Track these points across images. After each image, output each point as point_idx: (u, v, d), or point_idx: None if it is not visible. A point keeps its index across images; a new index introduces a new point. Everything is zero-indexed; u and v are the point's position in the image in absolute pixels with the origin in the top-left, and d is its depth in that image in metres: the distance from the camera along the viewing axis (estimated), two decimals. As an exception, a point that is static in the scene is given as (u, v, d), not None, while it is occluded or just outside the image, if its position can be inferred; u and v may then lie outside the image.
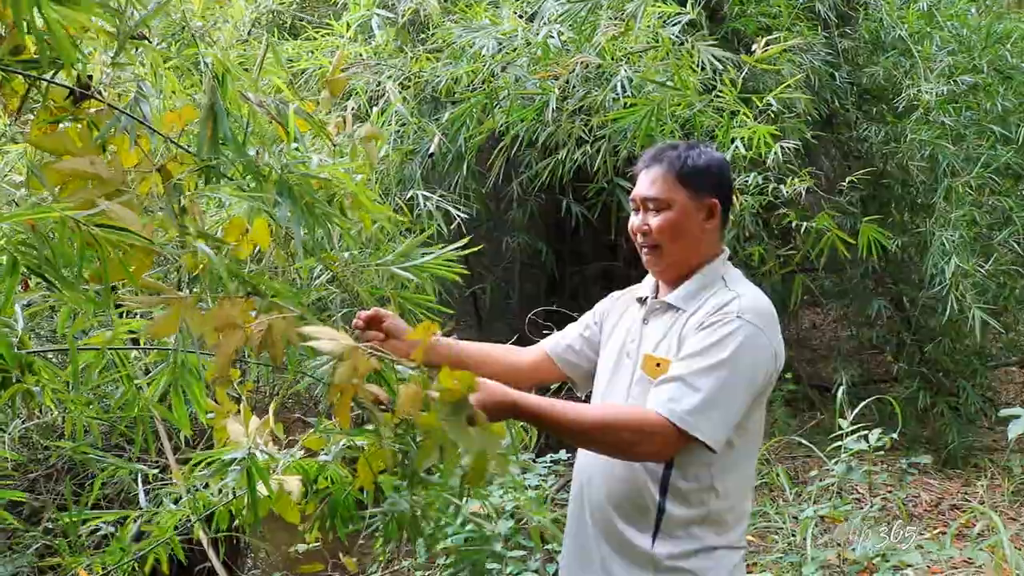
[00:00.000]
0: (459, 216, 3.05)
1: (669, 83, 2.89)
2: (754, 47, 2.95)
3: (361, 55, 3.40)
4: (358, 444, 1.69)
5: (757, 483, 3.64)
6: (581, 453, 1.83)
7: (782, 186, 3.39)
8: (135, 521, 1.71)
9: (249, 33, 4.09)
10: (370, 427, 1.58)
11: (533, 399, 1.53)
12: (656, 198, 1.73)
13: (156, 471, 1.83)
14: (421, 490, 1.67)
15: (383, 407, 1.57)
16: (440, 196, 3.65)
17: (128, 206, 1.38)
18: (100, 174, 1.41)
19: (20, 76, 1.51)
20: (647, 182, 1.76)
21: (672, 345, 1.68)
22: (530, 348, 2.03)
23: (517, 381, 1.91)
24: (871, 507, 3.15)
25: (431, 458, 1.52)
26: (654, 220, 1.73)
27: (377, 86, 3.56)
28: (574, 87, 3.42)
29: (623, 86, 3.06)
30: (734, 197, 3.31)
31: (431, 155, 3.52)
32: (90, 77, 1.56)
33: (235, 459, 1.68)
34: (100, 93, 1.55)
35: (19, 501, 1.63)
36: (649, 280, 1.88)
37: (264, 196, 1.57)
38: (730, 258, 1.82)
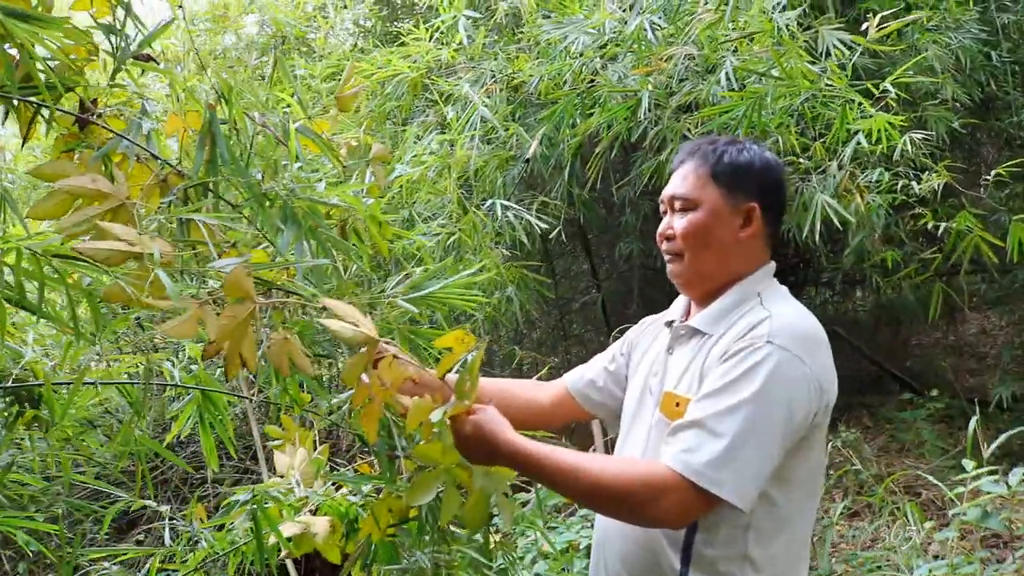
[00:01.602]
0: (540, 226, 2.86)
1: (773, 72, 2.60)
2: (865, 26, 2.61)
3: (446, 59, 3.26)
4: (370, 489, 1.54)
5: (887, 520, 3.24)
6: None
7: (915, 183, 3.01)
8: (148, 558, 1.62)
9: (354, 46, 4.06)
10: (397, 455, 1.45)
11: (522, 443, 1.31)
12: (684, 197, 1.48)
13: (165, 507, 1.74)
14: (444, 545, 1.51)
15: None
16: (542, 203, 3.49)
17: (128, 221, 1.32)
18: (102, 190, 1.34)
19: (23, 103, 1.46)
20: (677, 179, 1.52)
21: (695, 379, 1.42)
22: (552, 383, 1.79)
23: (538, 423, 1.71)
24: (1012, 563, 2.67)
25: (452, 507, 1.36)
26: (679, 223, 1.49)
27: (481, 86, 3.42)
28: (681, 82, 3.17)
29: (728, 78, 2.79)
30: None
31: (526, 160, 3.35)
32: (94, 102, 1.48)
33: (243, 501, 1.57)
34: (100, 116, 1.48)
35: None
36: (681, 300, 1.62)
37: (265, 222, 1.46)
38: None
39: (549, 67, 2.97)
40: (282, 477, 1.90)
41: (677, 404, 1.41)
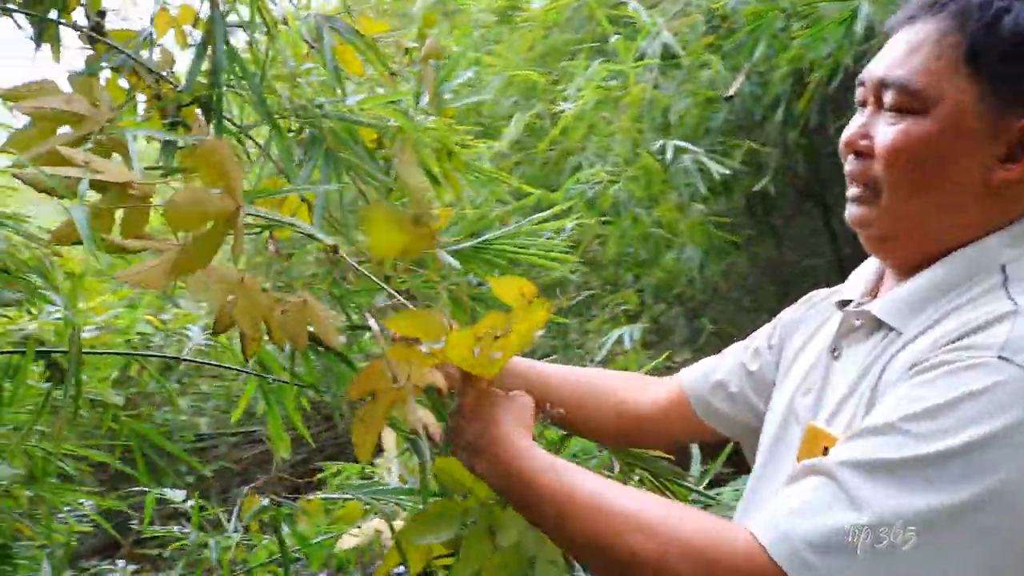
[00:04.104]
0: (720, 171, 2.36)
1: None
2: None
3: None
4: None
5: None
6: None
7: None
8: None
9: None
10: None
11: (542, 462, 0.84)
12: (905, 84, 0.86)
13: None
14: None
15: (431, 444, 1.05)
16: (750, 150, 2.97)
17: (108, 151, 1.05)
18: (79, 113, 1.08)
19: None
20: (899, 49, 0.88)
21: (860, 407, 0.86)
22: (664, 381, 1.22)
23: (635, 436, 1.20)
24: None
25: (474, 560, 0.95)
26: (887, 131, 0.87)
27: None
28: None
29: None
30: None
31: (728, 98, 2.84)
32: (100, 14, 1.22)
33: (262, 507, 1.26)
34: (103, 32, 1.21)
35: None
36: (869, 267, 1.03)
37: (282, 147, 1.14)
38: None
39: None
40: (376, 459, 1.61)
41: (826, 449, 0.85)
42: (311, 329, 0.99)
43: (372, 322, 0.90)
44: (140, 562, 2.62)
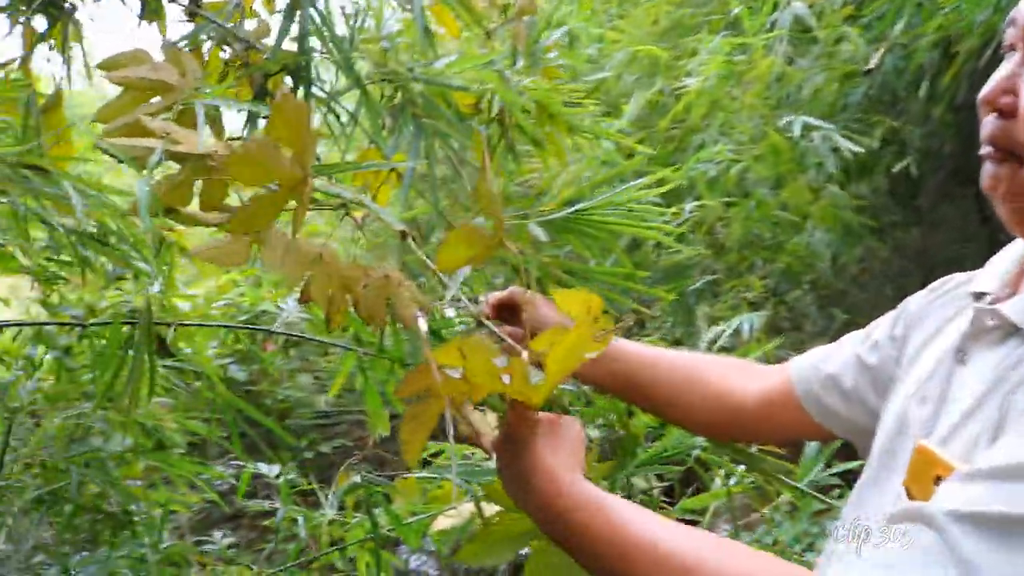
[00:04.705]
0: (851, 150, 2.19)
1: None
2: None
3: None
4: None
5: None
6: None
7: None
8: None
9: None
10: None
11: (590, 499, 0.73)
12: None
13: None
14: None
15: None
16: (890, 128, 2.79)
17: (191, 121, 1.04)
18: (166, 81, 1.08)
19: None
20: None
21: (987, 428, 0.68)
22: (772, 370, 1.05)
23: (735, 429, 1.06)
24: None
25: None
26: None
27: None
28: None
29: None
30: None
31: (867, 72, 2.67)
32: (200, -15, 1.22)
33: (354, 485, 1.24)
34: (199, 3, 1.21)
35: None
36: (1012, 254, 0.83)
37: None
38: None
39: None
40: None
41: (938, 479, 0.68)
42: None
43: (422, 323, 0.83)
44: (261, 533, 2.69)
